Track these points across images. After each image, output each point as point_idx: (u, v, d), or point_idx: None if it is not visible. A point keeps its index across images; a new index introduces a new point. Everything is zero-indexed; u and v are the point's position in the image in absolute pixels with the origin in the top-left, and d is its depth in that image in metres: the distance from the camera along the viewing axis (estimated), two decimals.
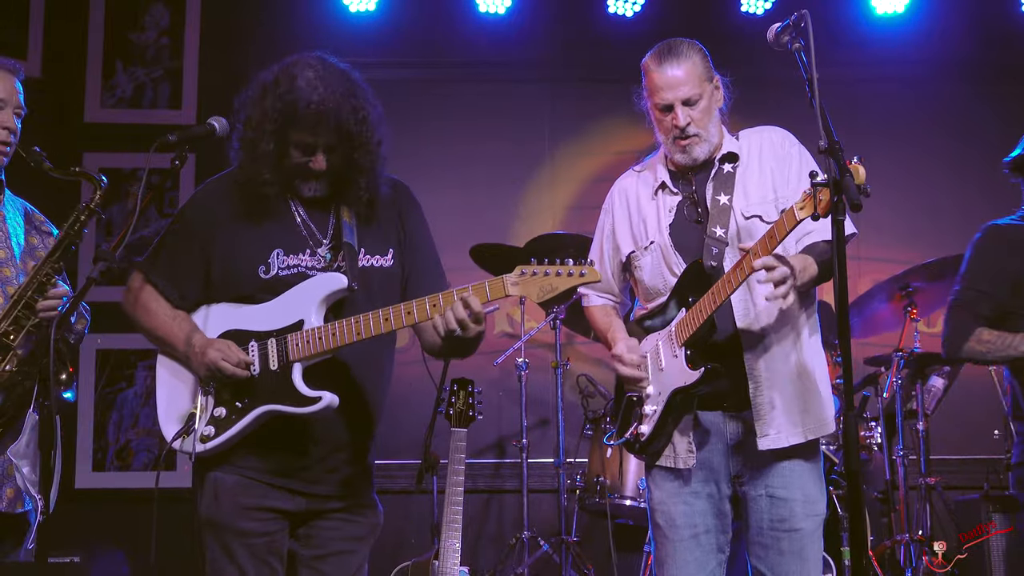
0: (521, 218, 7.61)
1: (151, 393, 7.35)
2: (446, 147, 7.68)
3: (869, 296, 6.49)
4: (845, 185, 3.31)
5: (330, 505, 3.83)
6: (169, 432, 3.76)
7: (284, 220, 3.85)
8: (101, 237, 7.32)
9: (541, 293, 3.65)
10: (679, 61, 4.07)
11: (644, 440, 4.05)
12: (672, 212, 4.12)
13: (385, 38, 7.73)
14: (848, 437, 3.24)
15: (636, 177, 4.34)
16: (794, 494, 3.97)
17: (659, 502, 4.10)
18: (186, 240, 3.89)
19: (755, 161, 4.08)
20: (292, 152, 3.75)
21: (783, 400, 3.94)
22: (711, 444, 4.03)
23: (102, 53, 7.60)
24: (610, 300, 4.39)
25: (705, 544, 4.03)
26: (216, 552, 3.74)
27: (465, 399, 5.95)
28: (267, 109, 3.73)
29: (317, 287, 3.75)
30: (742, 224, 3.98)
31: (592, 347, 7.45)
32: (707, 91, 4.07)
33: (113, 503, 7.21)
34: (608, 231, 4.34)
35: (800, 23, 3.59)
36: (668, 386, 3.98)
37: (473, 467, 7.10)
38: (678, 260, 4.05)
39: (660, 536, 4.10)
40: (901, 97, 7.89)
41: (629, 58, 7.68)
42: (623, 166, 7.72)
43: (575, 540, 6.54)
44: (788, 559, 3.95)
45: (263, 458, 3.74)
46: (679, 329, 3.97)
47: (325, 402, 3.64)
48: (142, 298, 3.89)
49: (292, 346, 3.68)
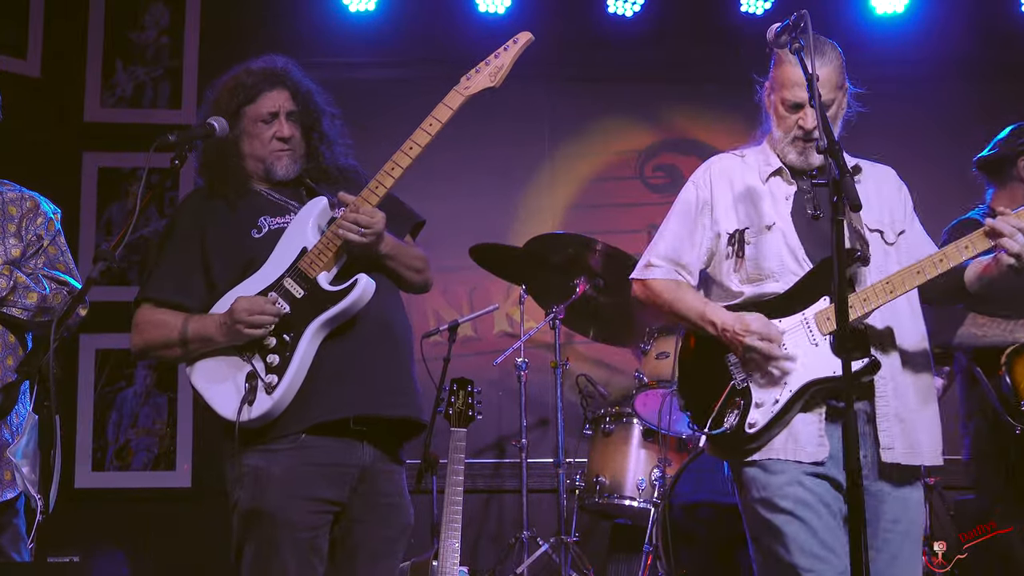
0: (521, 218, 7.61)
1: (151, 393, 7.35)
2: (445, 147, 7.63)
3: None
4: (845, 185, 3.32)
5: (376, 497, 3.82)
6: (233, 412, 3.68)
7: (261, 199, 3.95)
8: (101, 237, 7.32)
9: (491, 77, 4.00)
10: (822, 62, 3.85)
11: (754, 431, 3.78)
12: (789, 200, 3.97)
13: (384, 38, 7.73)
14: (848, 435, 3.24)
15: (739, 160, 4.10)
16: (909, 495, 3.86)
17: (778, 487, 3.76)
18: (176, 247, 3.92)
19: (871, 182, 4.03)
20: (255, 128, 3.92)
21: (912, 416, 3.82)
22: (836, 436, 3.77)
23: (102, 52, 7.59)
24: (684, 276, 4.06)
25: (842, 525, 3.73)
26: (258, 546, 3.70)
27: (464, 399, 5.95)
28: (223, 99, 3.93)
29: (304, 215, 3.85)
30: (867, 235, 3.90)
31: (591, 347, 7.45)
32: (839, 97, 3.99)
33: (113, 503, 7.21)
34: (702, 204, 4.06)
35: (800, 23, 3.57)
36: (803, 377, 3.76)
37: (473, 467, 7.10)
38: (800, 249, 3.88)
39: (784, 521, 3.74)
40: (901, 97, 7.87)
41: (629, 58, 7.79)
42: (623, 165, 7.83)
43: (575, 540, 6.54)
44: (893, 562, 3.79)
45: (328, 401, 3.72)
46: (823, 317, 3.78)
47: (362, 283, 3.71)
48: (150, 319, 3.88)
49: (306, 267, 3.75)
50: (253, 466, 3.73)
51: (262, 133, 3.91)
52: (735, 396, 3.84)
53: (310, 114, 3.98)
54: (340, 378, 3.75)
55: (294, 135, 3.94)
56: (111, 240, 7.11)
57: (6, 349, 4.17)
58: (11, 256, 4.18)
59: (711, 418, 3.85)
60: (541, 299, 6.89)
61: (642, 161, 7.86)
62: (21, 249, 4.22)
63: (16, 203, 4.29)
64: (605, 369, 7.40)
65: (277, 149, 3.92)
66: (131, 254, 7.20)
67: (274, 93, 3.92)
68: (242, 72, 3.96)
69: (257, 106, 3.90)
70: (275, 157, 3.93)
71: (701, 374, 3.96)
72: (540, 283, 6.81)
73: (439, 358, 6.44)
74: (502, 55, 3.93)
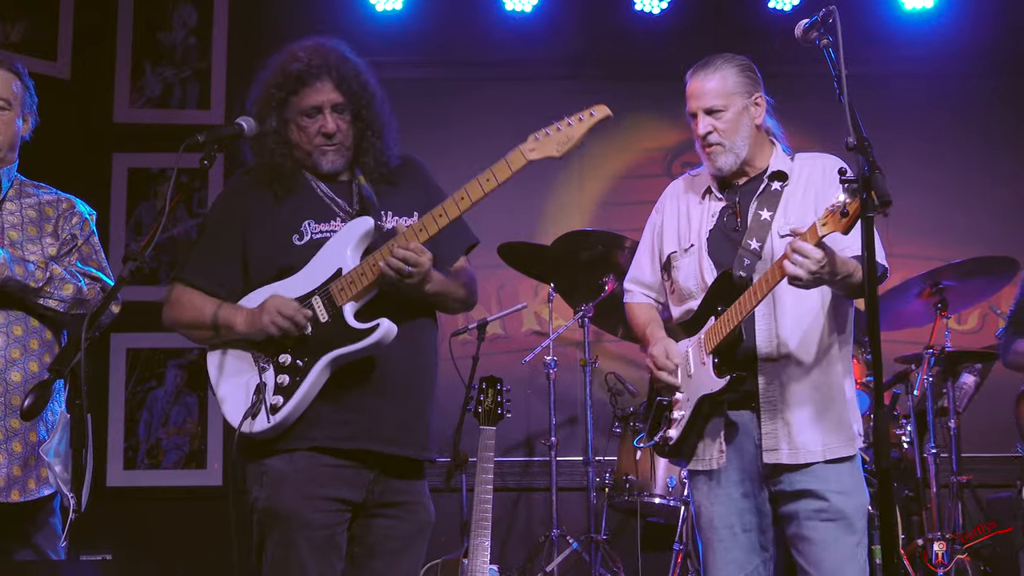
0: (549, 216, 7.61)
1: (181, 392, 7.39)
2: (473, 145, 7.63)
3: (897, 291, 6.46)
4: (874, 181, 3.30)
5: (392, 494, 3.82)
6: (236, 418, 3.73)
7: (309, 195, 3.90)
8: (131, 237, 7.36)
9: (559, 147, 3.76)
10: (707, 73, 4.13)
11: (672, 444, 4.11)
12: (714, 218, 4.17)
13: (412, 37, 7.73)
14: (879, 435, 3.24)
15: (690, 181, 4.35)
16: (829, 485, 3.96)
17: (698, 504, 4.14)
18: (217, 233, 3.92)
19: (803, 183, 4.12)
20: (301, 122, 3.85)
21: (797, 417, 3.98)
22: (742, 444, 4.05)
23: (131, 54, 7.63)
24: (654, 299, 4.41)
25: (744, 543, 4.05)
26: (276, 546, 3.71)
27: (494, 397, 5.95)
28: (269, 88, 3.86)
29: (347, 234, 3.78)
30: (777, 242, 4.01)
31: (621, 345, 7.44)
32: (736, 103, 4.10)
33: (144, 501, 7.25)
34: (657, 229, 4.37)
35: (828, 19, 3.57)
36: (696, 392, 4.02)
37: (502, 465, 7.09)
38: (710, 266, 4.10)
39: (703, 538, 4.13)
40: (930, 93, 7.84)
41: (656, 55, 7.77)
42: (651, 163, 7.81)
43: (604, 538, 6.53)
44: (822, 548, 3.93)
45: (335, 426, 3.72)
46: (707, 337, 4.02)
47: (383, 328, 3.65)
48: (184, 299, 3.89)
49: (336, 292, 3.71)
50: (270, 466, 3.74)
51: (307, 127, 3.85)
52: (662, 411, 4.19)
53: (358, 102, 3.89)
54: (351, 406, 3.74)
55: (340, 129, 3.86)
56: (141, 240, 7.16)
57: (42, 346, 4.20)
58: (47, 254, 4.22)
59: (647, 431, 4.25)
60: (570, 297, 6.88)
61: (670, 158, 7.84)
62: (57, 248, 4.26)
63: (53, 204, 4.33)
64: (634, 367, 7.38)
65: (322, 144, 3.86)
66: (161, 254, 7.23)
67: (318, 85, 3.82)
68: (289, 58, 3.87)
69: (301, 98, 3.83)
70: (320, 152, 3.87)
71: (650, 390, 4.30)
72: (569, 281, 6.80)
73: (468, 356, 6.43)
74: (575, 126, 3.76)
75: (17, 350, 4.13)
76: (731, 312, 3.93)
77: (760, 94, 4.16)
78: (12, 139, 4.25)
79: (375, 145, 3.93)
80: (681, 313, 4.20)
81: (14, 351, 4.12)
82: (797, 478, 3.98)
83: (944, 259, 6.52)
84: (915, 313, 6.56)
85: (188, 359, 7.38)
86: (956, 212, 7.68)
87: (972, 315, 7.64)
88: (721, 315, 3.97)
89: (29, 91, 4.32)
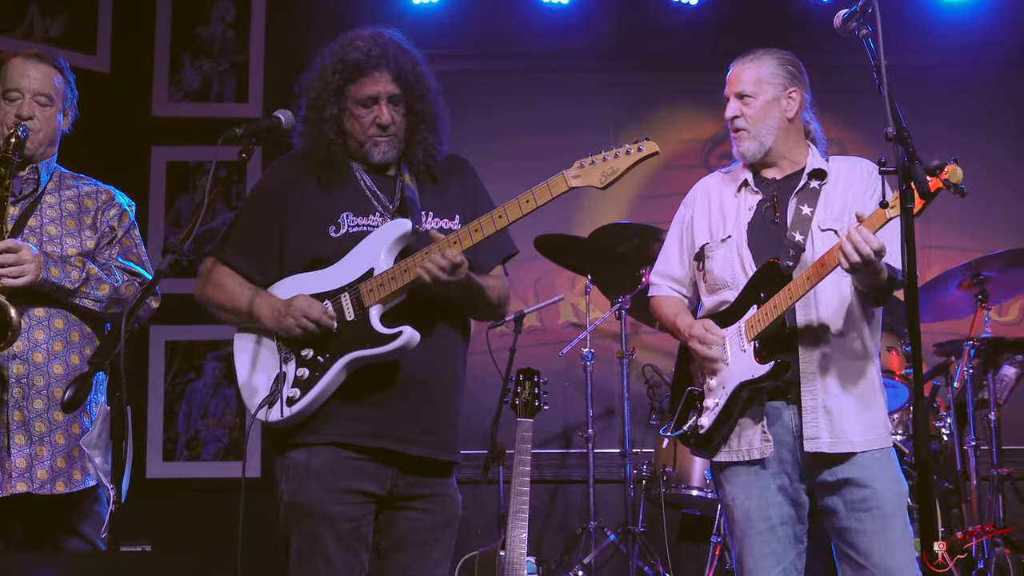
0: (585, 208, 7.59)
1: (220, 384, 7.43)
2: (509, 138, 7.68)
3: (937, 282, 6.42)
4: (914, 173, 3.28)
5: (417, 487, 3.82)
6: (254, 405, 3.76)
7: (351, 186, 3.91)
8: (170, 230, 7.41)
9: (603, 178, 3.70)
10: (746, 61, 4.21)
11: (702, 433, 4.10)
12: (752, 211, 4.20)
13: (447, 30, 7.73)
14: (918, 427, 3.21)
15: (721, 177, 4.39)
16: (871, 474, 3.97)
17: (732, 497, 4.12)
18: (258, 215, 3.94)
19: (842, 182, 4.16)
20: (356, 111, 3.85)
21: (837, 406, 4.00)
22: (779, 434, 4.04)
23: (169, 47, 7.67)
24: (681, 293, 4.42)
25: (782, 536, 4.04)
26: (302, 539, 3.73)
27: (531, 389, 5.96)
28: (327, 74, 3.86)
29: (383, 235, 3.78)
30: (817, 235, 4.06)
31: (658, 337, 7.42)
32: (766, 92, 4.16)
33: (183, 493, 7.29)
34: (687, 223, 4.39)
35: (867, 9, 3.56)
36: (733, 380, 4.02)
37: (539, 457, 7.09)
38: (749, 257, 4.12)
39: (737, 531, 4.11)
40: (969, 83, 7.77)
41: (693, 46, 7.74)
42: (688, 154, 7.79)
43: (642, 531, 6.53)
44: (871, 538, 3.93)
45: (354, 422, 3.73)
46: (749, 324, 4.03)
47: (406, 336, 3.65)
48: (215, 277, 3.93)
49: (365, 293, 3.72)
50: (294, 459, 3.77)
51: (362, 117, 3.85)
52: (693, 400, 4.18)
53: (413, 94, 3.89)
54: (371, 405, 3.75)
55: (394, 120, 3.86)
56: (179, 233, 7.20)
57: (83, 338, 4.23)
58: (86, 247, 4.24)
59: (675, 421, 4.23)
60: (607, 289, 6.88)
61: (708, 150, 7.82)
62: (95, 240, 4.28)
63: (92, 196, 4.36)
64: (672, 359, 7.29)
65: (376, 135, 3.86)
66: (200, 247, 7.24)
67: (376, 75, 3.82)
68: (347, 45, 3.88)
69: (359, 87, 3.83)
70: (372, 143, 3.87)
71: (677, 381, 4.32)
72: (606, 273, 6.80)
73: (505, 349, 6.44)
74: (622, 158, 3.70)
75: (59, 343, 4.16)
76: (778, 299, 3.95)
77: (796, 89, 4.19)
78: (52, 134, 4.28)
79: (426, 139, 3.93)
80: (714, 304, 4.22)
81: (56, 344, 4.15)
82: (838, 468, 3.98)
83: (983, 250, 6.48)
84: (955, 304, 6.51)
85: (227, 351, 7.41)
86: (994, 203, 7.61)
87: (1013, 307, 7.59)
88: (765, 303, 3.99)
89: (70, 85, 4.36)
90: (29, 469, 4.04)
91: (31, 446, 4.05)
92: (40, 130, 4.22)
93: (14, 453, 4.03)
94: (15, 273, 4.01)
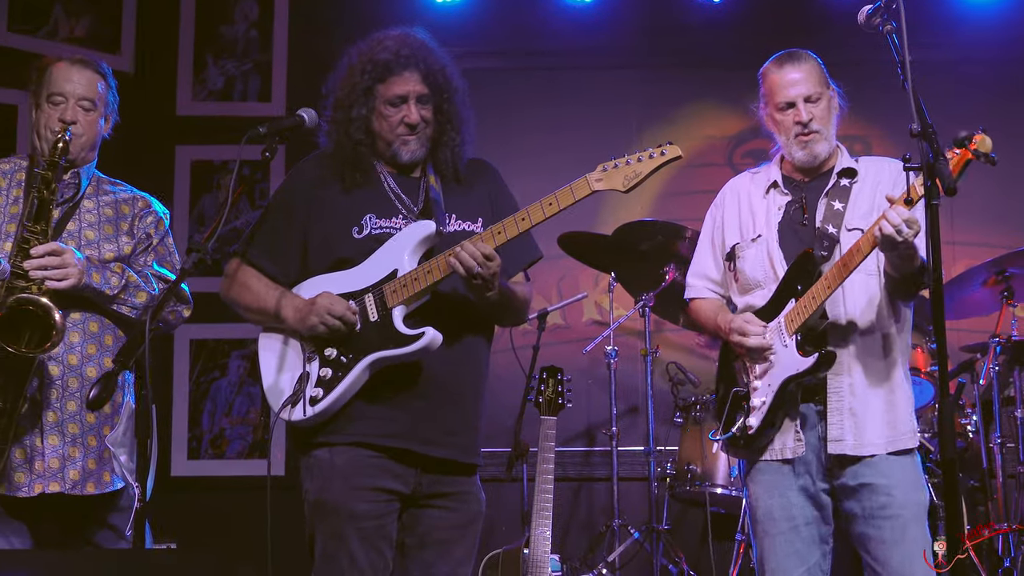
0: (609, 206, 7.58)
1: (244, 382, 7.45)
2: (533, 135, 7.67)
3: (962, 279, 6.39)
4: (939, 169, 3.27)
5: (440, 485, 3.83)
6: (277, 405, 3.78)
7: (375, 188, 3.91)
8: (194, 228, 7.43)
9: (626, 181, 3.67)
10: (798, 63, 4.18)
11: (752, 433, 4.07)
12: (781, 211, 4.21)
13: (471, 28, 7.73)
14: (944, 425, 3.21)
15: (750, 177, 4.39)
16: (892, 481, 3.96)
17: (756, 497, 4.12)
18: (283, 215, 3.96)
19: (871, 181, 4.17)
20: (385, 110, 3.85)
21: (863, 408, 3.99)
22: (806, 437, 4.04)
23: (193, 47, 7.69)
24: (719, 294, 4.41)
25: (806, 536, 4.03)
26: (327, 537, 3.74)
27: (554, 387, 5.96)
28: (355, 74, 3.87)
29: (407, 237, 3.79)
30: (844, 234, 4.06)
31: (682, 335, 7.41)
32: (826, 94, 4.18)
33: (208, 491, 7.31)
34: (718, 223, 4.39)
35: (891, 4, 3.55)
36: (779, 376, 4.01)
37: (563, 455, 7.09)
38: (780, 257, 4.13)
39: (760, 531, 4.10)
40: (994, 79, 7.73)
41: (716, 43, 7.72)
42: (711, 152, 7.77)
43: (666, 528, 6.52)
44: (890, 547, 3.92)
45: (376, 422, 3.74)
46: (789, 318, 4.02)
47: (429, 336, 3.66)
48: (240, 277, 3.95)
49: (389, 294, 3.72)
50: (319, 458, 3.78)
51: (391, 116, 3.85)
52: (739, 401, 4.14)
53: (441, 95, 3.90)
54: (393, 405, 3.76)
55: (423, 119, 3.87)
56: (204, 232, 7.23)
57: (116, 342, 4.25)
58: (123, 253, 4.28)
59: (722, 425, 4.20)
60: (630, 287, 6.87)
61: (732, 147, 7.80)
62: (132, 246, 4.32)
63: (129, 203, 4.40)
64: (695, 357, 7.36)
65: (404, 134, 3.87)
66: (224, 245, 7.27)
67: (406, 75, 3.84)
68: (376, 45, 3.89)
69: (387, 86, 3.84)
70: (401, 142, 3.88)
71: (722, 382, 4.28)
72: (629, 271, 6.79)
73: (528, 346, 6.44)
74: (644, 162, 3.66)
75: (93, 346, 4.19)
76: (816, 289, 3.94)
77: (833, 87, 4.24)
78: (94, 139, 4.32)
79: (453, 139, 3.94)
80: (745, 304, 4.22)
81: (90, 347, 4.18)
82: (860, 471, 3.97)
83: (1008, 247, 6.44)
84: (981, 301, 6.48)
85: (251, 349, 7.42)
86: (1020, 199, 7.56)
87: None
88: (803, 295, 3.98)
89: (112, 90, 4.40)
90: (62, 469, 4.07)
91: (64, 447, 4.08)
92: (83, 135, 4.25)
93: (48, 454, 4.06)
94: (59, 276, 4.04)
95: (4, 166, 4.33)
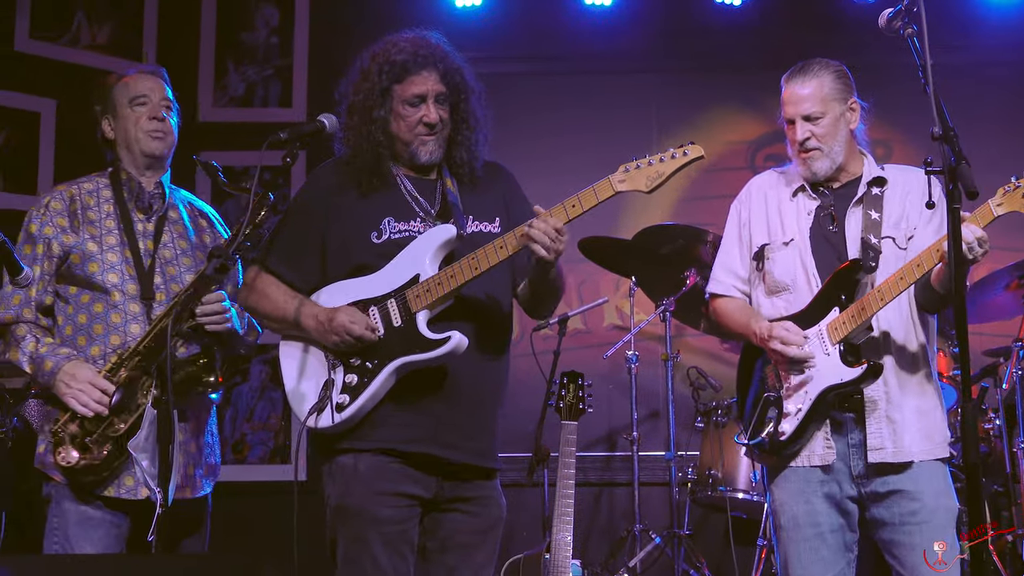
0: (629, 210, 7.57)
1: (266, 388, 7.46)
2: (554, 139, 7.67)
3: (985, 283, 6.36)
4: (960, 172, 3.26)
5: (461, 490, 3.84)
6: (303, 412, 3.78)
7: (393, 192, 3.91)
8: None
9: (649, 182, 3.66)
10: (805, 79, 4.16)
11: (784, 439, 4.04)
12: (811, 216, 4.19)
13: (491, 32, 7.74)
14: (966, 429, 3.19)
15: (776, 176, 4.37)
16: (923, 487, 3.96)
17: (781, 503, 4.10)
18: (301, 222, 3.96)
19: (899, 190, 4.15)
20: (403, 110, 3.85)
21: (900, 416, 3.99)
22: (835, 444, 4.03)
23: (214, 53, 7.71)
24: (744, 293, 4.37)
25: (832, 543, 4.02)
26: (349, 542, 3.75)
27: (575, 392, 5.95)
28: (372, 76, 3.87)
29: (428, 241, 3.79)
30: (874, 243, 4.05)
31: (703, 339, 7.40)
32: (833, 109, 4.14)
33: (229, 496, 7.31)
34: (744, 220, 4.36)
35: (912, 7, 3.54)
36: (819, 385, 3.99)
37: (584, 460, 7.07)
38: (812, 263, 4.12)
39: (784, 537, 4.09)
40: (1017, 82, 7.69)
41: (736, 46, 7.71)
42: (733, 156, 7.75)
43: (687, 533, 6.51)
44: (920, 553, 3.91)
45: (399, 428, 3.75)
46: (833, 327, 4.00)
47: (454, 340, 3.66)
48: (258, 286, 3.95)
49: (412, 299, 3.73)
50: (341, 463, 3.79)
51: (409, 116, 3.86)
52: (769, 407, 4.11)
53: (458, 95, 3.91)
54: (415, 410, 3.76)
55: (441, 119, 3.88)
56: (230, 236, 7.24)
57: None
58: (200, 265, 4.33)
59: (751, 429, 4.16)
60: (651, 291, 6.86)
61: (753, 151, 7.78)
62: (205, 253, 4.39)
63: (202, 215, 4.54)
64: (716, 361, 7.34)
65: (423, 134, 3.87)
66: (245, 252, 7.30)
67: (424, 74, 3.85)
68: (391, 47, 3.90)
69: (405, 87, 3.85)
70: (420, 142, 3.88)
71: (746, 387, 4.26)
72: (650, 275, 6.78)
73: (549, 351, 6.43)
74: (667, 162, 3.64)
75: None
76: (867, 301, 3.92)
77: (854, 99, 4.20)
78: (173, 143, 4.44)
79: (469, 139, 3.94)
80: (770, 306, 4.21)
81: None
82: (892, 478, 3.97)
83: None
84: (1003, 305, 6.45)
85: (272, 355, 7.39)
86: None
87: None
88: (848, 305, 3.95)
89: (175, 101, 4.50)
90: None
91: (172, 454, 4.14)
92: (169, 134, 4.38)
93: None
94: (220, 321, 4.14)
95: (87, 185, 4.37)
